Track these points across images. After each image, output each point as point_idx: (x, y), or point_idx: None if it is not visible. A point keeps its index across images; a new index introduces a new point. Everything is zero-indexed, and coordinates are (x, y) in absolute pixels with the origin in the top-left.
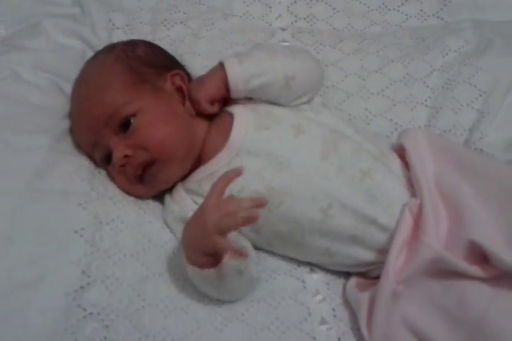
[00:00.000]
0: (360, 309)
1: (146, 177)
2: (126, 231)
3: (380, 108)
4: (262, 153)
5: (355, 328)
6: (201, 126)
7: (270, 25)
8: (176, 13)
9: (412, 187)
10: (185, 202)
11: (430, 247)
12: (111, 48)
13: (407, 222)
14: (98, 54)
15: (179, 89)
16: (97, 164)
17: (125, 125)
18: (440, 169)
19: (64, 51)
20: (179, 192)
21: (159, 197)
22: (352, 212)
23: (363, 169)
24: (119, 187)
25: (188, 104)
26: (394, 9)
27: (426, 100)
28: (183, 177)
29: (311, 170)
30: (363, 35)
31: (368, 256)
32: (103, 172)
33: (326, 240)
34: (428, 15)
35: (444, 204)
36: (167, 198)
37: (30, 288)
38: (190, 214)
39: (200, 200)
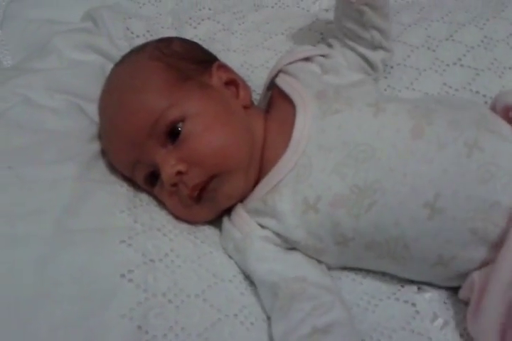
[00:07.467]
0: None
1: (205, 195)
2: (184, 266)
3: (462, 80)
4: (337, 144)
5: None
6: (258, 119)
7: (308, 11)
8: (200, 10)
9: None
10: (249, 227)
11: None
12: (142, 47)
13: None
14: (127, 56)
15: (228, 83)
16: (136, 189)
17: (173, 133)
18: None
19: (80, 67)
20: (240, 214)
21: (216, 222)
22: (466, 199)
23: (468, 141)
24: (173, 211)
25: (242, 93)
26: None
27: None
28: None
29: (404, 153)
30: (420, 3)
31: (492, 253)
32: (145, 199)
33: (436, 244)
34: None
35: None
36: (226, 223)
37: None
38: (256, 241)
39: (267, 222)
